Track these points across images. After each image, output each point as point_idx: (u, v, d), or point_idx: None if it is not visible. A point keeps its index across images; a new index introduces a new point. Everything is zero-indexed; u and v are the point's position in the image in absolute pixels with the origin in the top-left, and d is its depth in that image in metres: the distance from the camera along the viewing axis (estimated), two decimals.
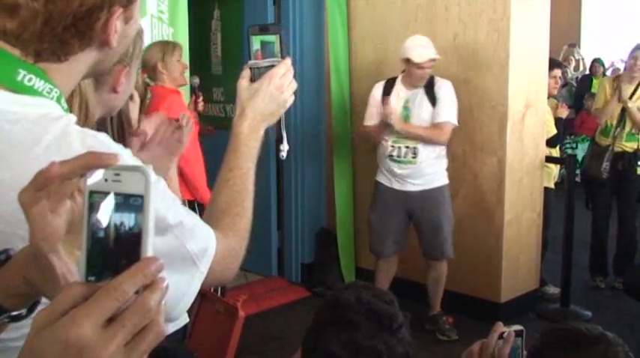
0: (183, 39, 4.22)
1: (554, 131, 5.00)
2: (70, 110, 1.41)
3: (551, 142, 4.97)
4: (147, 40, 3.84)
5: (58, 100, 0.97)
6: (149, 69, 3.73)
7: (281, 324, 4.53)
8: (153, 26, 4.06)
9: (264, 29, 1.32)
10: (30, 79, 0.93)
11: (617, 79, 5.31)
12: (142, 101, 2.83)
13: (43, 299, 0.78)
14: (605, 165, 5.00)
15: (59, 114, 0.94)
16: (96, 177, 0.63)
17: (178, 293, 1.05)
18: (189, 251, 1.05)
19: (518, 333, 1.48)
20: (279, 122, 1.41)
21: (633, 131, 5.05)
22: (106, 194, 0.62)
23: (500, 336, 1.46)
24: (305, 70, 5.19)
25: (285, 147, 1.50)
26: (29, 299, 0.77)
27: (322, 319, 1.42)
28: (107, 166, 0.63)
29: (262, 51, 1.32)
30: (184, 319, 2.28)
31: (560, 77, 5.14)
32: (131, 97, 1.91)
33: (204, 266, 1.08)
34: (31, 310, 0.78)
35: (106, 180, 0.62)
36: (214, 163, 2.52)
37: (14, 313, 0.76)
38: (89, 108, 1.49)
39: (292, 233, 5.42)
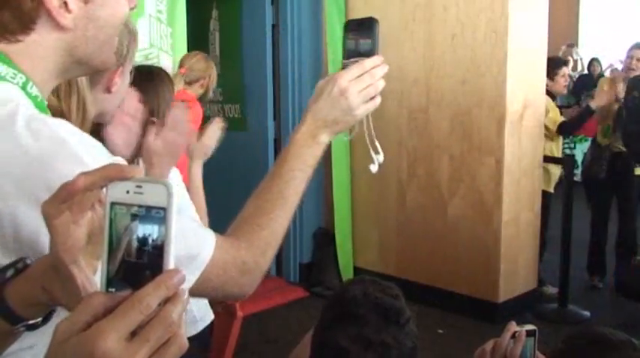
0: (182, 39, 4.22)
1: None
2: (68, 108, 1.40)
3: (564, 128, 4.94)
4: (145, 40, 3.84)
5: (24, 86, 0.95)
6: (192, 74, 3.93)
7: (279, 324, 4.53)
8: (151, 26, 4.05)
9: (359, 24, 1.21)
10: None
11: (614, 79, 5.33)
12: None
13: (59, 308, 0.78)
14: (604, 165, 5.01)
15: (10, 98, 0.91)
16: (117, 189, 0.63)
17: None
18: None
19: (530, 333, 1.48)
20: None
21: None
22: (127, 206, 0.63)
23: (513, 336, 1.46)
24: (303, 70, 5.19)
25: (377, 160, 1.33)
26: (46, 309, 0.77)
27: (330, 314, 1.42)
28: (129, 178, 0.63)
29: (354, 49, 1.20)
30: (209, 316, 2.29)
31: (568, 75, 5.13)
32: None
33: (190, 273, 1.01)
34: (46, 319, 0.78)
35: (127, 191, 0.63)
36: (214, 165, 2.52)
37: (31, 322, 0.77)
38: (87, 107, 1.48)
39: (290, 233, 5.41)
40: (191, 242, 1.02)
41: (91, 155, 0.87)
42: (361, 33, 1.20)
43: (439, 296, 4.67)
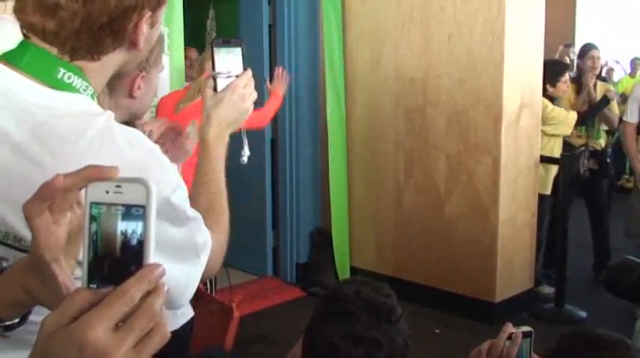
0: (178, 39, 4.22)
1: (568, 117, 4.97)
2: None
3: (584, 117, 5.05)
4: None
5: (92, 97, 1.03)
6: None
7: (276, 324, 4.53)
8: None
9: (227, 42, 1.42)
10: (69, 77, 0.99)
11: (575, 80, 5.41)
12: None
13: (36, 309, 0.80)
14: (584, 164, 5.09)
15: (100, 111, 1.00)
16: (97, 189, 0.66)
17: (185, 282, 1.12)
18: (197, 243, 1.12)
19: (526, 334, 1.48)
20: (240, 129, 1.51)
21: (601, 127, 5.28)
22: (107, 205, 0.65)
23: (509, 337, 1.47)
24: (300, 69, 5.18)
25: (246, 153, 1.62)
26: (24, 309, 0.80)
27: (322, 312, 1.44)
28: (109, 179, 0.66)
29: (225, 62, 1.42)
30: (190, 312, 2.33)
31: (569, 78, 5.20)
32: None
33: (204, 258, 1.15)
34: (23, 319, 0.81)
35: (107, 191, 0.65)
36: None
37: (8, 323, 0.79)
38: None
39: (287, 233, 5.41)
40: (204, 230, 1.16)
41: (165, 158, 1.03)
42: (230, 49, 1.42)
43: (436, 295, 4.68)
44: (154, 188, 0.64)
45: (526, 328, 1.49)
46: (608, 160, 5.31)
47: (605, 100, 5.13)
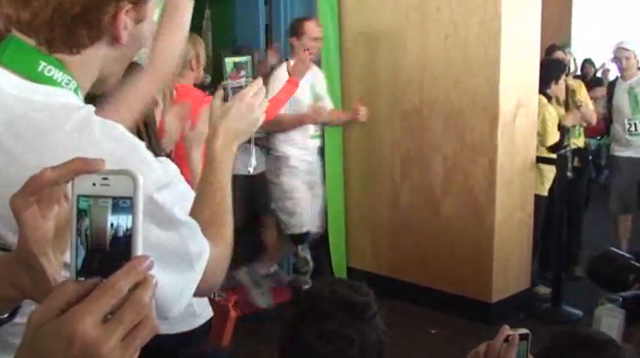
0: None
1: (555, 134, 4.98)
2: None
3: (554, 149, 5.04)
4: None
5: (76, 92, 1.02)
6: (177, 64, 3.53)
7: (272, 325, 4.51)
8: None
9: (236, 51, 1.42)
10: (50, 70, 0.99)
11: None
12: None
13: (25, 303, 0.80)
14: (568, 164, 5.14)
15: (80, 105, 1.00)
16: (84, 182, 0.65)
17: (176, 292, 1.06)
18: (190, 252, 1.07)
19: (523, 337, 1.48)
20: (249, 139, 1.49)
21: (580, 125, 5.37)
22: (94, 198, 0.64)
23: (506, 339, 1.47)
24: None
25: (252, 163, 1.64)
26: (12, 304, 0.80)
27: (297, 311, 1.48)
28: (95, 171, 0.65)
29: (235, 72, 1.41)
30: (209, 313, 2.32)
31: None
32: (155, 104, 2.17)
33: (199, 269, 1.09)
34: (12, 314, 0.81)
35: (94, 184, 0.65)
36: None
37: None
38: None
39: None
40: (201, 239, 1.11)
41: (150, 156, 1.00)
42: (240, 58, 1.42)
43: (432, 296, 4.68)
44: (140, 179, 0.64)
45: (523, 330, 1.50)
46: (590, 157, 5.40)
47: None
